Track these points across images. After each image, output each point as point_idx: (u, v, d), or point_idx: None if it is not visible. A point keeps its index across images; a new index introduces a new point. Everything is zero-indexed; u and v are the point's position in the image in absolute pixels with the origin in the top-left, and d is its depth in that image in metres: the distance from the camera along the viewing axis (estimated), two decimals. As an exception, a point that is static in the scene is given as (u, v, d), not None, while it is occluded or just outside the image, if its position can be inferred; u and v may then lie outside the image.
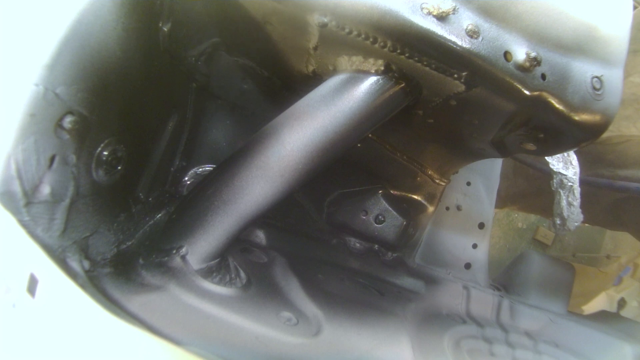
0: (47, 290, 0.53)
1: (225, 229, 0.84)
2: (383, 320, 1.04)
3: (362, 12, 0.72)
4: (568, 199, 1.71)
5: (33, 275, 0.52)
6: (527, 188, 2.39)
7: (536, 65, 0.78)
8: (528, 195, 2.42)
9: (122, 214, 0.85)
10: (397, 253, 1.37)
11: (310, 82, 0.94)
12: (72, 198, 0.66)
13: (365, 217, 1.28)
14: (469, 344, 1.19)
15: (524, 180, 2.39)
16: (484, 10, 0.77)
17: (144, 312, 0.67)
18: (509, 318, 1.40)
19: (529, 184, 2.37)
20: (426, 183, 1.33)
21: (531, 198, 2.43)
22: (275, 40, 0.91)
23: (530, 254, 1.65)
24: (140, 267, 0.79)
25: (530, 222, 4.50)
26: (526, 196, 2.44)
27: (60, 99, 0.59)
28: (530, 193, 2.39)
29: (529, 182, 2.36)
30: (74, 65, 0.61)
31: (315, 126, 0.84)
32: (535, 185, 2.32)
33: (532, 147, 0.98)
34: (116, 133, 0.75)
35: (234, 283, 0.86)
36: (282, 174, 0.83)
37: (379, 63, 0.81)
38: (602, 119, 0.84)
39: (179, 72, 0.98)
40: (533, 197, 2.40)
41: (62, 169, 0.63)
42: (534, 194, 2.36)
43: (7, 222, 0.54)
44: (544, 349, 1.29)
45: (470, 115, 0.94)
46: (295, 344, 0.80)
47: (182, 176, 1.11)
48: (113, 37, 0.68)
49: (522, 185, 2.40)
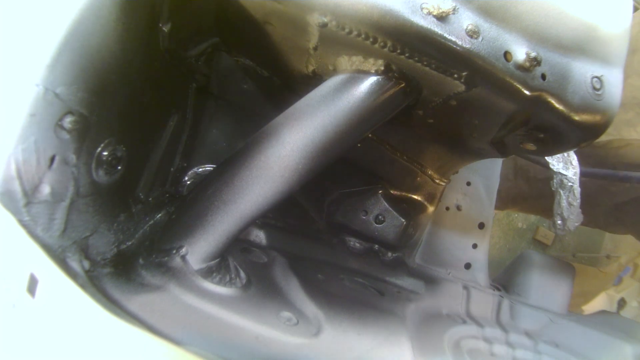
0: (47, 290, 0.53)
1: (225, 229, 0.84)
2: (383, 320, 1.04)
3: (362, 12, 0.72)
4: (568, 199, 1.71)
5: (33, 275, 0.52)
6: (528, 190, 2.39)
7: (536, 65, 0.78)
8: (529, 198, 2.42)
9: (122, 214, 0.85)
10: (397, 253, 1.36)
11: (310, 82, 0.94)
12: (72, 198, 0.66)
13: (365, 217, 1.28)
14: (469, 344, 1.19)
15: (525, 182, 2.39)
16: (484, 10, 0.77)
17: (144, 312, 0.67)
18: (509, 318, 1.40)
19: (529, 186, 2.37)
20: (426, 183, 1.33)
21: (532, 200, 2.43)
22: (275, 40, 0.91)
23: (530, 254, 1.65)
24: (140, 267, 0.79)
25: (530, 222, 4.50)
26: (527, 198, 2.44)
27: (60, 99, 0.59)
28: (531, 195, 2.39)
29: (530, 184, 2.37)
30: (74, 65, 0.61)
31: (315, 126, 0.84)
32: (536, 187, 2.32)
33: (532, 147, 0.98)
34: (116, 133, 0.75)
35: (234, 283, 0.86)
36: (282, 174, 0.83)
37: (379, 63, 0.81)
38: (602, 119, 0.84)
39: (179, 72, 0.98)
40: (534, 199, 2.40)
41: (62, 169, 0.63)
42: (535, 196, 2.36)
43: (7, 222, 0.54)
44: (544, 349, 1.29)
45: (470, 115, 0.94)
46: (295, 344, 0.80)
47: (182, 176, 1.11)
48: (113, 37, 0.68)
49: (523, 187, 2.40)
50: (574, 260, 3.76)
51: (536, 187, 2.32)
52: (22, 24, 0.58)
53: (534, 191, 2.36)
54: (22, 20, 0.58)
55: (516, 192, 2.42)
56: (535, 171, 2.28)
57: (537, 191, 2.32)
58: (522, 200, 2.48)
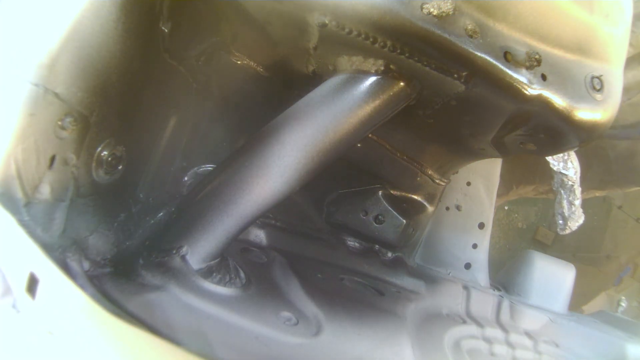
0: (47, 290, 0.52)
1: (225, 229, 0.84)
2: (383, 320, 1.04)
3: (362, 12, 0.72)
4: (569, 198, 1.71)
5: (33, 275, 0.52)
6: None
7: (536, 65, 0.78)
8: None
9: (122, 214, 0.85)
10: (397, 253, 1.37)
11: (310, 82, 0.94)
12: (72, 198, 0.66)
13: (365, 217, 1.28)
14: (469, 344, 1.19)
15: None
16: (484, 10, 0.76)
17: (144, 312, 0.67)
18: (509, 318, 1.40)
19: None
20: (426, 183, 1.33)
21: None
22: (275, 40, 0.91)
23: (531, 253, 1.65)
24: (140, 267, 0.79)
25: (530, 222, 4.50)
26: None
27: (60, 99, 0.59)
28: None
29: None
30: (74, 65, 0.61)
31: (315, 126, 0.84)
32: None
33: (532, 147, 0.98)
34: (116, 133, 0.75)
35: (234, 283, 0.86)
36: (282, 174, 0.83)
37: (379, 63, 0.81)
38: (602, 119, 0.84)
39: (179, 72, 0.98)
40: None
41: (62, 169, 0.63)
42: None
43: (7, 222, 0.53)
44: (544, 349, 1.29)
45: (471, 115, 0.94)
46: (295, 344, 0.80)
47: (182, 176, 1.11)
48: (113, 37, 0.68)
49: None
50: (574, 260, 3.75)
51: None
52: (23, 24, 0.58)
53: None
54: (23, 20, 0.58)
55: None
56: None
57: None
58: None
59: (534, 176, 2.40)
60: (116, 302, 0.66)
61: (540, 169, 2.05)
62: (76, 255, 0.67)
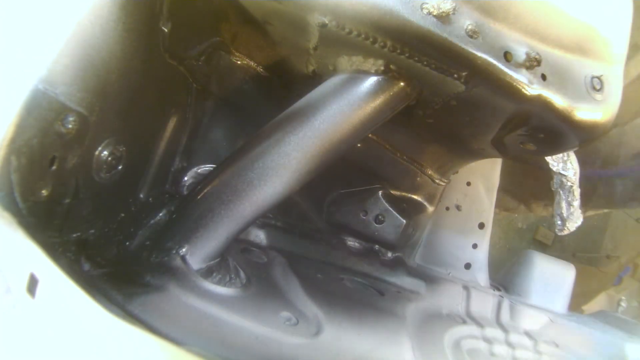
0: (47, 290, 0.52)
1: (225, 229, 0.84)
2: (383, 320, 1.04)
3: (362, 12, 0.72)
4: (568, 199, 1.71)
5: (33, 275, 0.52)
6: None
7: (536, 66, 0.78)
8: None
9: (122, 214, 0.85)
10: (397, 253, 1.37)
11: (310, 82, 0.94)
12: (72, 198, 0.66)
13: (365, 217, 1.28)
14: (469, 344, 1.19)
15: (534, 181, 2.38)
16: (484, 10, 0.76)
17: (144, 312, 0.67)
18: (509, 318, 1.40)
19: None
20: (426, 183, 1.34)
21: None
22: (275, 40, 0.91)
23: (531, 254, 1.65)
24: (141, 267, 0.79)
25: (530, 222, 4.50)
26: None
27: (60, 99, 0.59)
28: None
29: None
30: (74, 65, 0.61)
31: (315, 126, 0.84)
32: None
33: (532, 147, 0.98)
34: (116, 133, 0.75)
35: (234, 283, 0.86)
36: (282, 174, 0.83)
37: (379, 63, 0.81)
38: (602, 119, 0.84)
39: (179, 72, 0.98)
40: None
41: (62, 169, 0.63)
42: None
43: (7, 222, 0.53)
44: (544, 349, 1.29)
45: (471, 115, 0.94)
46: (295, 344, 0.80)
47: (182, 176, 1.11)
48: (113, 38, 0.68)
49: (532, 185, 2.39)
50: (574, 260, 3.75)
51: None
52: (23, 25, 0.58)
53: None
54: (23, 20, 0.58)
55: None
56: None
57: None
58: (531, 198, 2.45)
59: (546, 192, 2.42)
60: (116, 302, 0.66)
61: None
62: (76, 255, 0.67)
